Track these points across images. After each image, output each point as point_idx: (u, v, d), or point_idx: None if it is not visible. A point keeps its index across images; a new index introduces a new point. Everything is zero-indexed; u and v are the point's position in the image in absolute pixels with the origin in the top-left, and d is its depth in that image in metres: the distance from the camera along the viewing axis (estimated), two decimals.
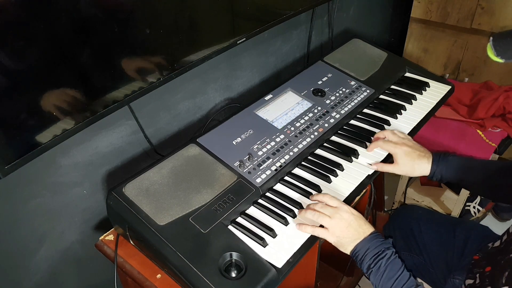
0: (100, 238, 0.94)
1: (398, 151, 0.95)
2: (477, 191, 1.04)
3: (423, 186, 1.94)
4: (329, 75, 1.22)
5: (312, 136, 1.02)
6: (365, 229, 0.80)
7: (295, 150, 0.98)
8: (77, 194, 1.00)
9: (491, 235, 1.03)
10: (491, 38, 0.79)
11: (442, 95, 1.23)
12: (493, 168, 0.95)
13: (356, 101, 1.15)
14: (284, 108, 1.08)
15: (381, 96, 1.21)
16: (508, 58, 0.77)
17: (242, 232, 0.81)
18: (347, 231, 0.79)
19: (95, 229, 1.08)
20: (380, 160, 0.99)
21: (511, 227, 0.91)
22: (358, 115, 1.13)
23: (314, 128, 1.04)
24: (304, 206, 0.87)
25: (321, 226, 0.81)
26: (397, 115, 1.14)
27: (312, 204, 0.84)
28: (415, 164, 0.94)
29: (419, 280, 1.12)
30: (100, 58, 0.79)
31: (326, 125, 1.06)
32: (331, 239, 0.80)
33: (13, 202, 0.88)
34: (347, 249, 0.80)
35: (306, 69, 1.24)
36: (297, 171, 0.97)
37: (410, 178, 1.84)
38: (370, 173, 0.96)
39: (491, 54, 0.78)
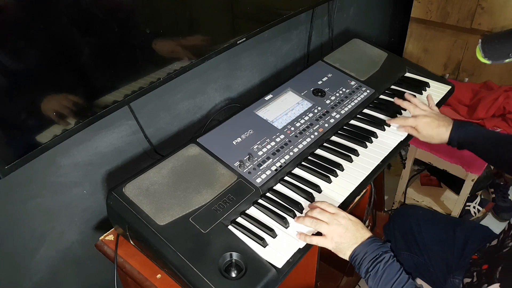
0: (100, 238, 0.94)
1: (418, 122, 1.03)
2: (492, 162, 1.08)
3: (423, 186, 1.94)
4: (329, 75, 1.22)
5: (312, 136, 1.02)
6: (363, 233, 0.80)
7: (295, 150, 0.98)
8: (77, 194, 1.00)
9: (491, 235, 1.03)
10: (480, 40, 0.81)
11: (442, 95, 1.23)
12: (510, 141, 0.96)
13: (356, 101, 1.15)
14: (284, 108, 1.08)
15: (381, 96, 1.21)
16: (495, 59, 0.80)
17: (242, 232, 0.81)
18: (345, 236, 0.79)
19: (95, 229, 1.08)
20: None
21: (507, 225, 0.92)
22: (358, 115, 1.13)
23: (314, 128, 1.04)
24: (304, 207, 0.87)
25: (319, 233, 0.81)
26: (397, 115, 1.14)
27: (309, 211, 0.84)
28: (433, 133, 1.01)
29: (419, 281, 1.12)
30: (100, 58, 0.79)
31: (326, 125, 1.06)
32: (330, 245, 0.80)
33: (13, 202, 0.88)
34: (345, 254, 0.80)
35: (306, 69, 1.24)
36: (297, 171, 0.97)
37: (410, 178, 1.84)
38: (370, 172, 0.96)
39: (479, 55, 0.81)
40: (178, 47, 0.95)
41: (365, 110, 1.16)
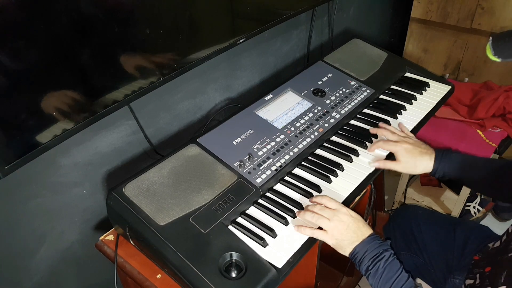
0: (100, 238, 0.94)
1: (398, 149, 0.95)
2: (479, 189, 1.06)
3: (423, 186, 1.94)
4: (329, 75, 1.22)
5: (312, 136, 1.02)
6: (364, 231, 0.80)
7: (295, 150, 0.98)
8: (77, 194, 1.00)
9: (491, 235, 1.03)
10: (490, 37, 0.82)
11: (442, 95, 1.23)
12: (495, 166, 0.95)
13: (356, 101, 1.15)
14: (284, 108, 1.08)
15: (381, 96, 1.21)
16: (505, 57, 0.80)
17: (242, 232, 0.81)
18: (346, 233, 0.79)
19: (95, 229, 1.08)
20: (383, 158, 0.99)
21: (510, 227, 0.92)
22: (358, 115, 1.13)
23: (314, 128, 1.04)
24: (304, 207, 0.87)
25: (320, 228, 0.81)
26: (397, 115, 1.14)
27: (311, 206, 0.84)
28: (417, 161, 0.94)
29: (419, 281, 1.12)
30: (100, 58, 0.79)
31: (326, 125, 1.06)
32: (330, 241, 0.80)
33: (13, 202, 0.88)
34: (346, 251, 0.80)
35: (306, 69, 1.24)
36: (297, 171, 0.97)
37: (410, 178, 1.84)
38: (370, 172, 0.96)
39: (489, 53, 0.81)
40: (178, 47, 0.95)
41: (365, 110, 1.16)
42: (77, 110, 0.79)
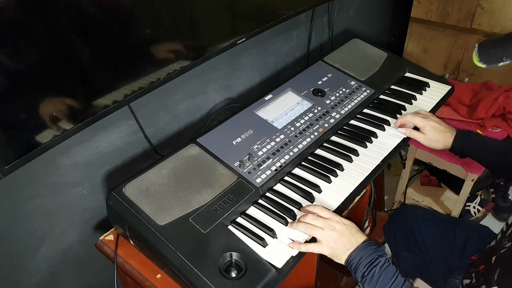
0: (100, 238, 0.94)
1: (426, 124, 1.02)
2: (493, 169, 1.12)
3: (423, 186, 1.94)
4: (329, 75, 1.22)
5: (312, 136, 1.02)
6: (358, 237, 0.80)
7: (295, 150, 0.98)
8: (77, 194, 1.00)
9: (491, 235, 1.03)
10: (476, 45, 0.87)
11: (442, 95, 1.23)
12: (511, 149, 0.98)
13: (356, 101, 1.15)
14: (284, 108, 1.08)
15: (381, 96, 1.21)
16: (489, 63, 0.88)
17: (242, 232, 0.81)
18: (340, 241, 0.78)
19: (95, 229, 1.08)
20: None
21: (505, 225, 0.92)
22: (358, 115, 1.13)
23: (314, 128, 1.04)
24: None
25: (314, 239, 0.80)
26: (397, 115, 1.13)
27: (303, 216, 0.83)
28: (439, 136, 1.01)
29: (419, 281, 1.12)
30: (100, 58, 0.79)
31: (326, 125, 1.06)
32: (326, 251, 0.79)
33: (13, 202, 0.88)
34: (341, 259, 0.79)
35: (306, 69, 1.24)
36: (297, 171, 0.97)
37: (410, 178, 1.84)
38: (370, 172, 0.96)
39: (475, 59, 0.88)
40: (178, 47, 0.95)
41: (365, 110, 1.16)
42: (77, 110, 0.79)
